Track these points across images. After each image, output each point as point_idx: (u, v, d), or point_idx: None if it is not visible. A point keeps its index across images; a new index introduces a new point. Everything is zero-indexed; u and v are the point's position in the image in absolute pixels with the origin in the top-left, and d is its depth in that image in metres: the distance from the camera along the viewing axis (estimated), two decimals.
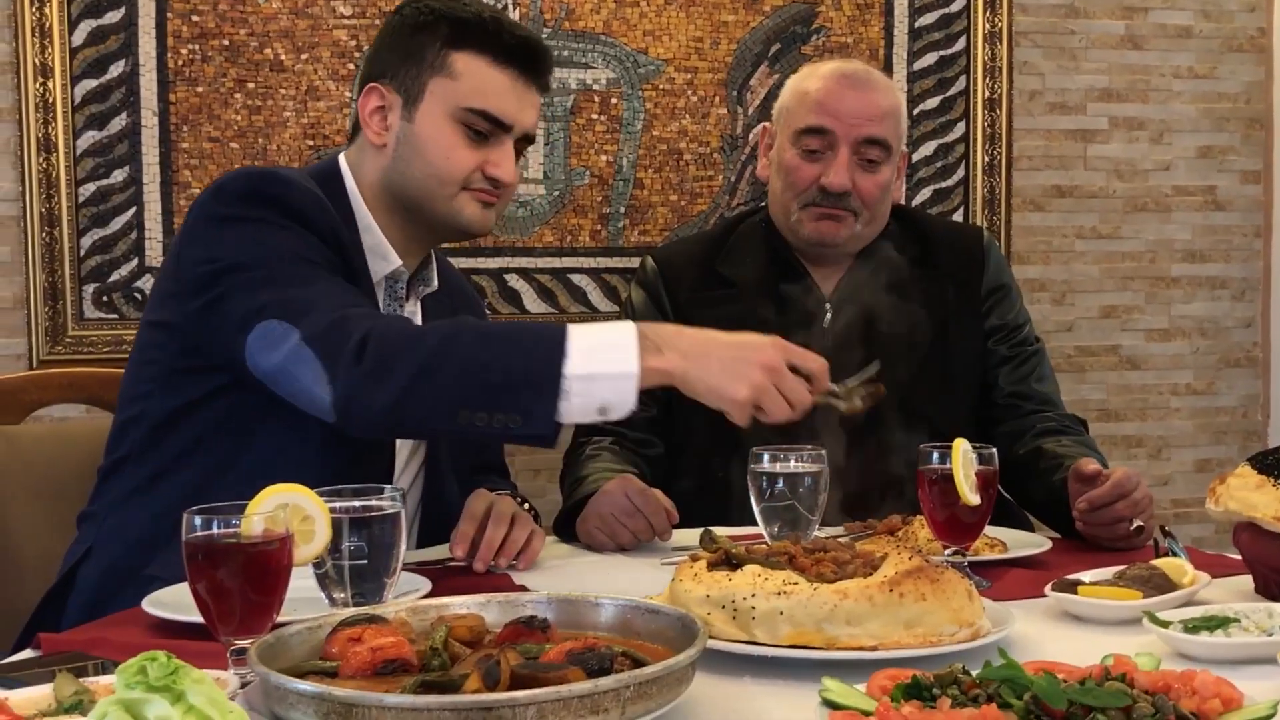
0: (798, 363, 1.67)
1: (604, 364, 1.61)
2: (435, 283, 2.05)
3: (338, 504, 1.40)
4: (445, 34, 1.92)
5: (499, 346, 1.64)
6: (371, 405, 1.63)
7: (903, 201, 2.50)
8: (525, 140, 1.99)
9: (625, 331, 1.64)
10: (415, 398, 1.63)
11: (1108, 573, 1.64)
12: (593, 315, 3.05)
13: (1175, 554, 1.75)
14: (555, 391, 1.59)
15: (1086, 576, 1.63)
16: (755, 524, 1.82)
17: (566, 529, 2.08)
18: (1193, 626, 1.40)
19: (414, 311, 2.02)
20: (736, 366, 1.63)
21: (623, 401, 1.62)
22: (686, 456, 2.19)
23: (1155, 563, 1.65)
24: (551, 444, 1.66)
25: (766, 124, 2.49)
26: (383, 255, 1.94)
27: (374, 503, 1.43)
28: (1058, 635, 1.49)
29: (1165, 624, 1.40)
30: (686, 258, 2.48)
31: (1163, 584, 1.58)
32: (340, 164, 1.98)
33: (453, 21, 1.92)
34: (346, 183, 1.96)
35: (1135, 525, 1.92)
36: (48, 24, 2.72)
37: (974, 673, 1.16)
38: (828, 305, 2.38)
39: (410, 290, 2.01)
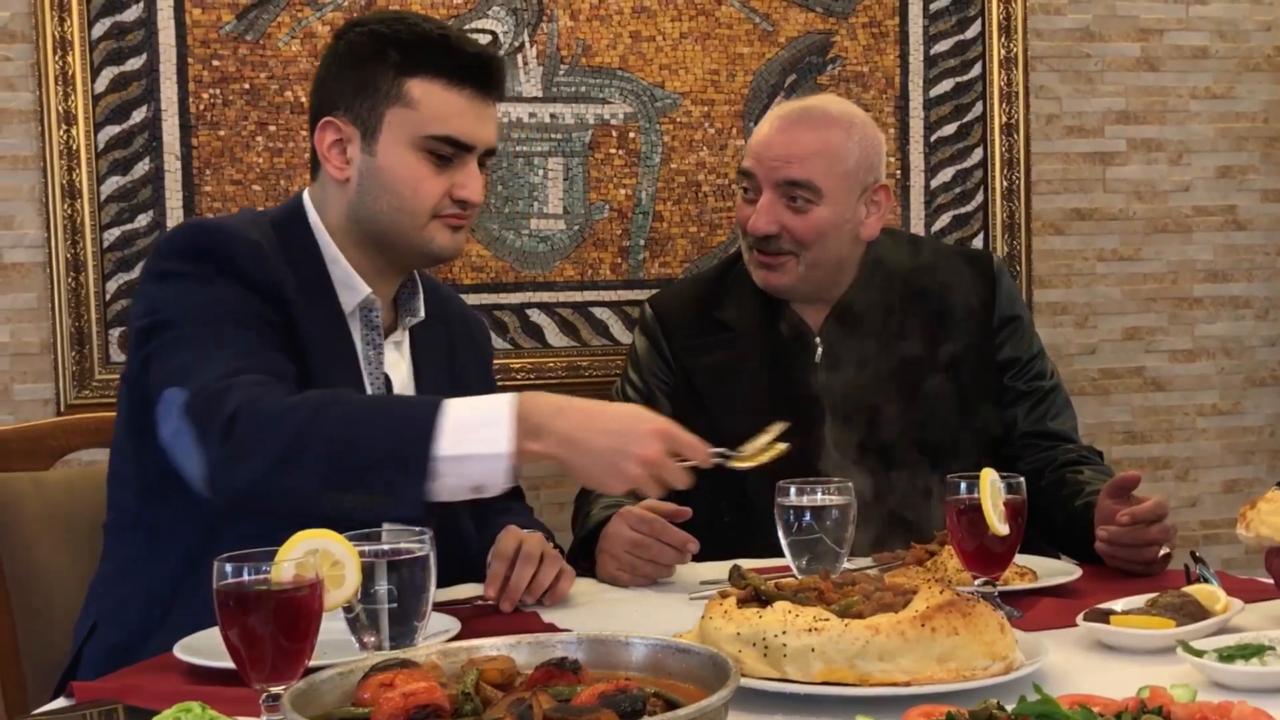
0: (683, 452, 1.64)
1: (476, 444, 1.59)
2: (422, 313, 2.03)
3: (367, 548, 1.40)
4: (396, 61, 1.89)
5: (368, 423, 1.63)
6: (234, 484, 1.64)
7: (876, 235, 2.40)
8: (488, 154, 1.96)
9: (502, 408, 1.61)
10: (280, 478, 1.62)
11: (1139, 601, 1.63)
12: (614, 347, 3.06)
13: (1207, 580, 1.74)
14: (423, 472, 1.58)
15: (1118, 605, 1.62)
16: (770, 556, 1.82)
17: (579, 564, 2.07)
18: (1228, 655, 1.39)
19: (401, 340, 2.01)
20: (614, 459, 1.61)
21: (495, 481, 1.61)
22: (692, 504, 2.17)
23: (1187, 589, 1.64)
24: (425, 522, 1.60)
25: None
26: (352, 286, 1.92)
27: (403, 545, 1.43)
28: (1091, 666, 1.48)
29: (1200, 653, 1.39)
30: (684, 303, 2.46)
31: (1196, 611, 1.57)
32: (304, 201, 1.97)
33: (402, 47, 1.89)
34: (310, 219, 1.95)
35: (1164, 552, 1.91)
36: (70, 72, 2.75)
37: (1009, 707, 1.15)
38: (817, 341, 2.36)
39: (398, 321, 2.00)
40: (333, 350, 1.88)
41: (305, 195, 1.99)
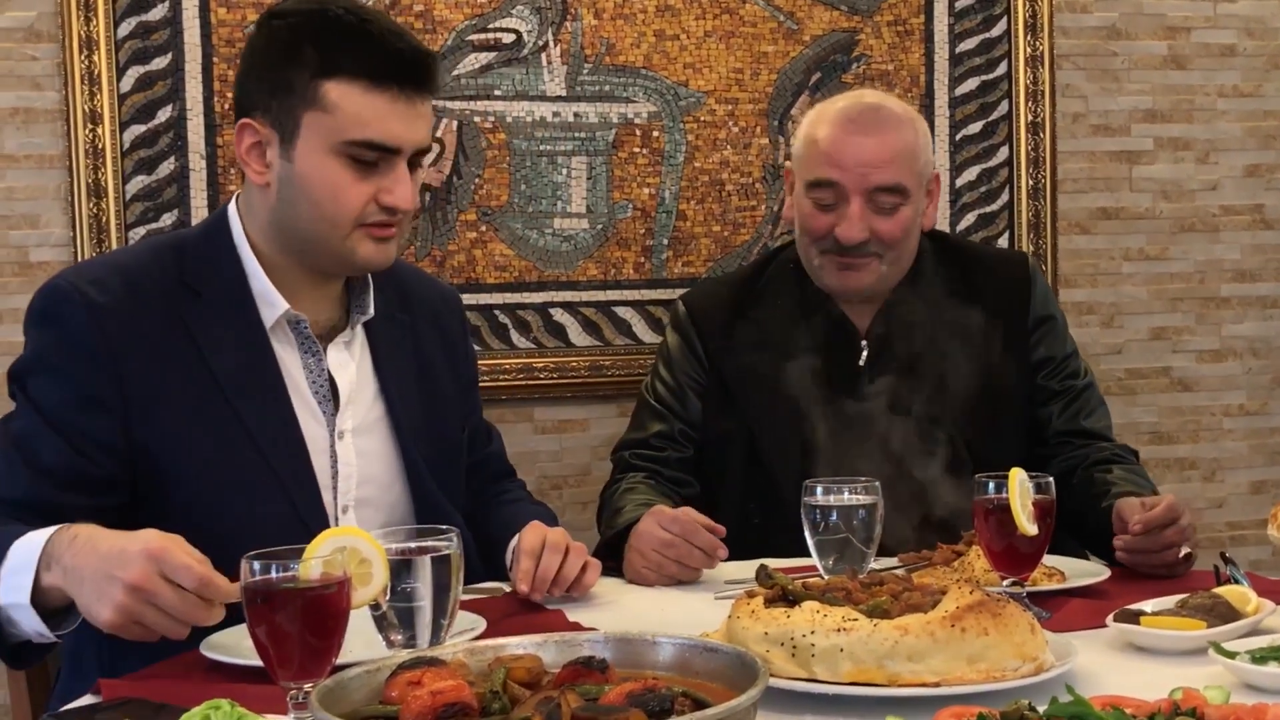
0: (169, 574, 1.44)
1: (12, 592, 1.55)
2: (371, 309, 1.95)
3: (394, 545, 1.40)
4: (314, 61, 1.77)
5: None
6: None
7: (935, 225, 2.42)
8: (420, 154, 1.85)
9: (35, 549, 1.55)
10: None
11: (1170, 602, 1.62)
12: (638, 347, 3.05)
13: (1237, 581, 1.73)
14: None
15: (1149, 606, 1.61)
16: (796, 555, 1.81)
17: (605, 563, 2.07)
18: (1260, 657, 1.38)
19: (351, 340, 1.94)
20: (100, 587, 1.47)
21: (38, 628, 1.57)
22: (720, 503, 2.16)
23: (1218, 591, 1.62)
24: (19, 666, 1.61)
25: (789, 165, 2.45)
26: (270, 301, 1.85)
27: (430, 543, 1.43)
28: (1121, 667, 1.47)
29: (1231, 654, 1.38)
30: (718, 302, 2.44)
31: (1226, 613, 1.56)
32: (229, 210, 1.90)
33: (319, 45, 1.78)
34: (233, 229, 1.88)
35: (1185, 553, 1.90)
36: (96, 71, 2.76)
37: (1040, 708, 1.15)
38: (864, 343, 2.34)
39: (348, 319, 1.94)
40: (250, 369, 1.83)
41: (232, 204, 1.91)
